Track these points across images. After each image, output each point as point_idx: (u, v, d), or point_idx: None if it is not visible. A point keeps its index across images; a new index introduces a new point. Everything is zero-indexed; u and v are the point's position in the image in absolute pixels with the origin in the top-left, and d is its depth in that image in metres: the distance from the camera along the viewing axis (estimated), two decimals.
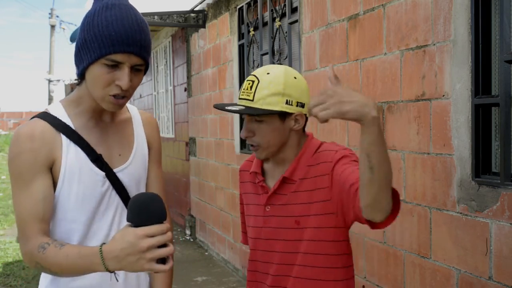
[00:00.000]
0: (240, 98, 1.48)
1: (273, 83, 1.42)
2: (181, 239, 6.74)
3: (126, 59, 1.28)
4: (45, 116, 1.37)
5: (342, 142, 3.10)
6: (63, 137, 1.36)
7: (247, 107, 1.43)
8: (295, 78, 1.46)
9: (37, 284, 4.91)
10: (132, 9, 1.32)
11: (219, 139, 5.45)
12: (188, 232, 6.77)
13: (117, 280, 1.37)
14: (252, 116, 1.45)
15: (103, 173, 1.38)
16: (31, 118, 1.40)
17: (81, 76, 1.35)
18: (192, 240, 6.64)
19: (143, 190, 1.50)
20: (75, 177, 1.35)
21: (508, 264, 2.02)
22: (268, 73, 1.44)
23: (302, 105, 1.46)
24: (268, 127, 1.45)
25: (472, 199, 2.19)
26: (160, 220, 1.18)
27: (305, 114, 1.49)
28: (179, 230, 7.23)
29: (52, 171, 1.35)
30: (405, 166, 2.60)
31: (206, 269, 5.39)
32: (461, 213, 2.26)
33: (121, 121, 1.49)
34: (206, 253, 6.02)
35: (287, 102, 1.43)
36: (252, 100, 1.43)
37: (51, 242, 1.27)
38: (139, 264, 1.15)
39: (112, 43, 1.26)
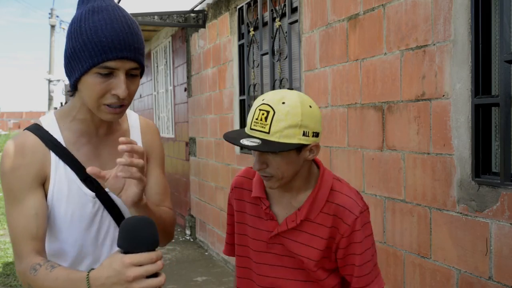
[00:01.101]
0: (252, 129, 1.35)
1: (290, 114, 1.32)
2: (181, 239, 6.74)
3: (120, 65, 1.20)
4: (36, 130, 1.32)
5: (342, 142, 3.11)
6: (52, 155, 1.30)
7: (263, 141, 1.32)
8: (310, 107, 1.37)
9: None
10: (120, 10, 1.24)
11: (219, 139, 5.45)
12: (188, 232, 6.77)
13: None
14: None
15: (92, 194, 1.32)
16: (24, 130, 1.34)
17: (74, 87, 1.27)
18: (192, 240, 6.64)
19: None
20: (63, 197, 1.30)
21: (508, 264, 2.02)
22: (283, 103, 1.33)
23: (317, 135, 1.39)
24: (283, 160, 1.37)
25: (472, 199, 2.19)
26: (151, 248, 1.09)
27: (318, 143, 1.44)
28: (179, 230, 7.23)
29: (44, 187, 1.30)
30: (405, 166, 2.60)
31: (206, 269, 5.39)
32: (461, 213, 2.26)
33: (118, 133, 1.41)
34: (206, 253, 6.02)
35: (304, 134, 1.34)
36: (268, 133, 1.31)
37: (43, 264, 1.21)
38: None
39: (103, 50, 1.17)
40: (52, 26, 25.41)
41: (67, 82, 21.29)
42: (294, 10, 3.80)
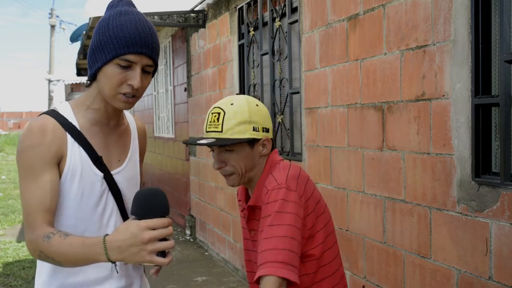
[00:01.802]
0: (208, 131, 1.53)
1: (239, 113, 1.49)
2: (181, 239, 6.74)
3: (139, 59, 1.37)
4: (55, 114, 1.43)
5: (342, 142, 3.11)
6: (69, 137, 1.42)
7: (218, 139, 1.48)
8: (257, 105, 1.53)
9: None
10: (143, 16, 1.43)
11: None
12: (188, 232, 6.77)
13: (117, 272, 1.43)
14: (222, 147, 1.51)
15: (101, 174, 1.45)
16: (40, 114, 1.45)
17: (93, 77, 1.43)
18: (192, 240, 6.64)
19: (135, 191, 1.51)
20: (77, 175, 1.41)
21: (508, 264, 2.02)
22: (232, 104, 1.51)
23: (267, 130, 1.55)
24: (239, 155, 1.51)
25: (472, 199, 2.19)
26: (163, 214, 1.23)
27: (271, 139, 1.58)
28: (179, 230, 7.23)
29: (59, 166, 1.41)
30: (405, 166, 2.60)
31: (206, 269, 5.39)
32: (461, 213, 2.26)
33: (123, 128, 1.58)
34: (206, 253, 6.02)
35: (254, 129, 1.50)
36: (221, 131, 1.49)
37: (56, 232, 1.31)
38: (140, 255, 1.20)
39: (126, 44, 1.35)
40: (52, 26, 25.39)
41: (67, 82, 21.25)
42: (294, 10, 3.80)
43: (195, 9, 5.73)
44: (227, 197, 5.25)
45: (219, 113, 1.51)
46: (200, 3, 5.48)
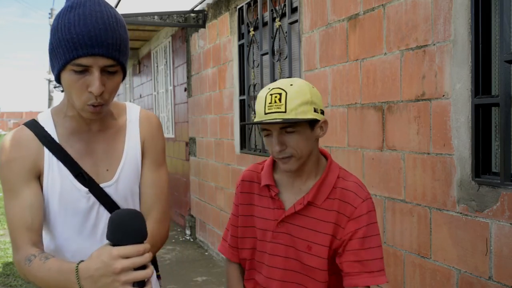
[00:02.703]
0: (268, 113, 1.43)
1: (301, 93, 1.43)
2: (181, 239, 6.74)
3: (93, 62, 1.18)
4: (32, 125, 1.34)
5: (342, 142, 3.11)
6: (46, 150, 1.31)
7: (284, 119, 1.41)
8: (313, 87, 1.50)
9: None
10: (100, 5, 1.22)
11: (219, 139, 5.45)
12: (188, 232, 6.77)
13: None
14: (283, 128, 1.44)
15: (85, 189, 1.33)
16: (22, 125, 1.37)
17: (59, 83, 1.28)
18: (192, 240, 6.64)
19: (137, 201, 1.42)
20: (56, 192, 1.31)
21: (508, 264, 2.02)
22: (291, 84, 1.45)
23: (323, 113, 1.50)
24: (300, 136, 1.45)
25: (472, 199, 2.19)
26: (138, 240, 1.10)
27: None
28: (179, 230, 7.23)
29: (40, 181, 1.32)
30: (405, 166, 2.60)
31: (206, 269, 5.39)
32: (461, 213, 2.26)
33: (113, 129, 1.40)
34: (206, 253, 6.01)
35: (315, 110, 1.45)
36: (285, 112, 1.41)
37: (37, 254, 1.22)
38: (113, 286, 1.07)
39: (74, 47, 1.17)
40: None
41: None
42: (294, 10, 3.80)
43: (195, 9, 5.73)
44: (227, 197, 5.25)
45: (280, 94, 1.43)
46: (200, 3, 5.48)
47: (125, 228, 1.10)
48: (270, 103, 1.44)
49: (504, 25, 2.05)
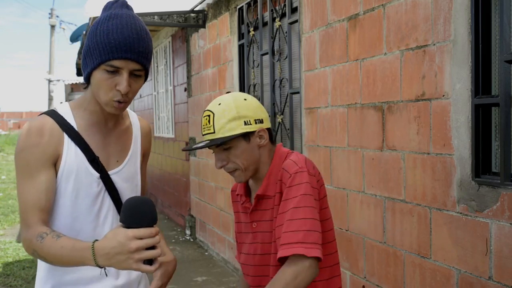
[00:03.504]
0: (203, 135, 1.57)
1: (226, 111, 1.52)
2: (181, 239, 6.74)
3: (124, 65, 1.38)
4: (53, 115, 1.47)
5: (342, 142, 3.11)
6: (66, 137, 1.45)
7: (211, 140, 1.52)
8: (245, 99, 1.56)
9: None
10: (134, 18, 1.42)
11: None
12: (188, 232, 6.77)
13: (106, 275, 1.45)
14: (218, 147, 1.53)
15: (98, 174, 1.48)
16: (40, 114, 1.49)
17: (88, 80, 1.45)
18: (192, 240, 6.64)
19: (134, 192, 1.58)
20: (72, 175, 1.45)
21: (508, 264, 2.02)
22: (219, 104, 1.54)
23: (261, 121, 1.56)
24: (237, 151, 1.53)
25: (472, 199, 2.19)
26: (150, 223, 1.25)
27: (267, 128, 1.58)
28: (179, 230, 7.23)
29: (55, 166, 1.44)
30: (405, 166, 2.60)
31: (206, 269, 5.39)
32: (461, 213, 2.26)
33: (123, 128, 1.59)
34: (206, 253, 6.02)
35: (245, 123, 1.52)
36: (214, 132, 1.52)
37: (49, 232, 1.35)
38: (127, 263, 1.22)
39: (111, 50, 1.36)
40: (52, 26, 25.39)
41: (67, 82, 21.27)
42: (294, 10, 3.80)
43: (195, 9, 5.73)
44: (227, 197, 5.25)
45: (209, 115, 1.54)
46: (200, 3, 5.48)
47: (138, 212, 1.25)
48: (203, 126, 1.56)
49: (504, 25, 2.05)
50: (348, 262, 3.11)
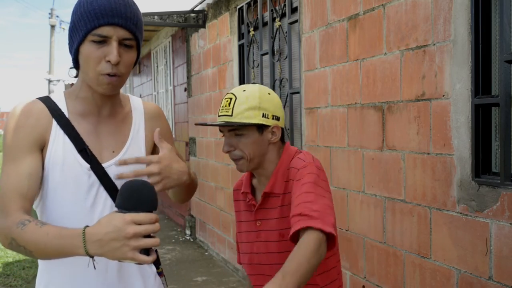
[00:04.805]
0: (219, 116, 1.56)
1: (249, 98, 1.52)
2: (181, 239, 6.74)
3: (112, 32, 1.28)
4: (45, 100, 1.39)
5: (342, 142, 3.11)
6: (54, 123, 1.35)
7: (227, 122, 1.51)
8: (269, 94, 1.57)
9: None
10: None
11: (219, 139, 5.45)
12: (188, 232, 6.77)
13: (94, 268, 1.27)
14: (231, 131, 1.54)
15: (87, 165, 1.34)
16: (35, 98, 1.41)
17: (76, 63, 1.35)
18: (192, 240, 6.64)
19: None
20: (58, 165, 1.33)
21: (508, 264, 2.02)
22: (244, 90, 1.55)
23: (278, 118, 1.56)
24: (248, 139, 1.53)
25: (472, 199, 2.19)
26: (150, 209, 1.15)
27: (282, 127, 1.59)
28: (179, 230, 7.23)
29: (42, 153, 1.34)
30: (405, 166, 2.60)
31: (206, 269, 5.39)
32: (461, 213, 2.26)
33: (120, 115, 1.45)
34: (206, 253, 6.02)
35: (263, 116, 1.52)
36: (231, 115, 1.51)
37: (32, 220, 1.22)
38: (121, 251, 1.09)
39: (96, 17, 1.26)
40: (52, 26, 25.40)
41: (67, 82, 21.30)
42: (294, 10, 3.80)
43: (195, 9, 5.73)
44: (227, 197, 5.25)
45: (231, 99, 1.54)
46: (200, 3, 5.48)
47: (138, 196, 1.14)
48: (222, 107, 1.56)
49: (504, 25, 2.05)
50: (348, 262, 3.11)
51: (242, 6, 4.74)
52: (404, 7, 2.56)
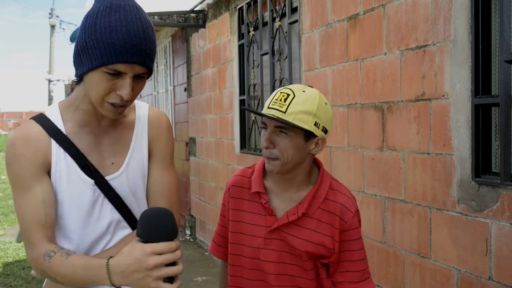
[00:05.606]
0: (270, 107, 1.45)
1: (308, 102, 1.43)
2: (181, 239, 6.74)
3: (129, 69, 1.21)
4: (40, 119, 1.34)
5: (342, 142, 3.11)
6: (53, 142, 1.31)
7: (279, 117, 1.42)
8: (326, 103, 1.48)
9: (37, 284, 4.90)
10: (138, 10, 1.23)
11: (219, 139, 5.45)
12: (188, 232, 6.77)
13: None
14: (278, 127, 1.44)
15: (91, 181, 1.33)
16: (29, 119, 1.37)
17: (80, 78, 1.29)
18: (192, 240, 6.64)
19: (141, 198, 1.43)
20: (63, 183, 1.32)
21: (508, 264, 2.02)
22: (303, 91, 1.45)
23: (326, 131, 1.49)
24: (291, 142, 1.44)
25: (472, 199, 2.19)
26: (170, 237, 1.14)
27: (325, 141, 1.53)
28: (179, 230, 7.22)
29: (49, 175, 1.32)
30: (405, 166, 2.60)
31: (206, 269, 5.39)
32: (461, 213, 2.26)
33: (122, 125, 1.41)
34: (206, 253, 6.01)
35: (315, 124, 1.44)
36: (285, 112, 1.41)
37: (57, 251, 1.23)
38: (145, 281, 1.11)
39: (115, 53, 1.18)
40: (52, 26, 25.41)
41: (67, 82, 21.29)
42: (294, 10, 3.80)
43: (195, 9, 5.73)
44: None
45: (288, 95, 1.44)
46: (200, 3, 5.48)
47: (157, 225, 1.13)
48: (275, 100, 1.45)
49: (504, 25, 2.05)
50: None
51: (242, 6, 4.74)
52: (404, 7, 2.56)
